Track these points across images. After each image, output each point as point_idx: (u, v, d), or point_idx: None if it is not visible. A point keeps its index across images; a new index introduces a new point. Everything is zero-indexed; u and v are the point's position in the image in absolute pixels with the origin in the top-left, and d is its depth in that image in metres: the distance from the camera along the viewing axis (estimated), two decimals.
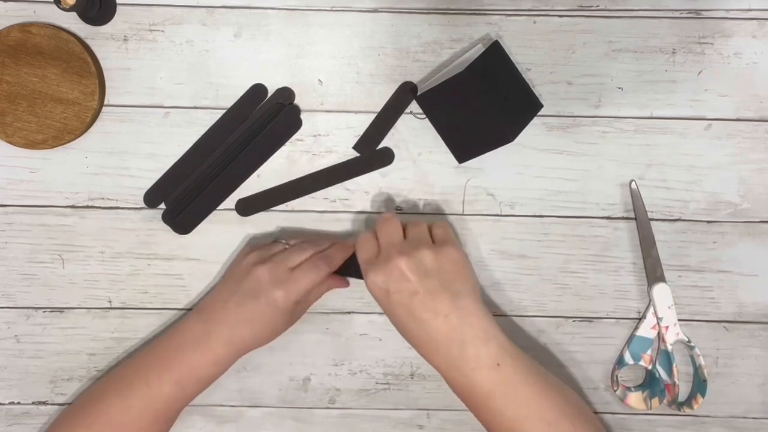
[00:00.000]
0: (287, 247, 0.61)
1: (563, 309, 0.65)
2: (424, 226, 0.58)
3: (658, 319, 0.63)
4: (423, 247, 0.55)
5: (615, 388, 0.65)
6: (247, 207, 0.63)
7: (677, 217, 0.64)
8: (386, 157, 0.63)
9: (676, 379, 0.63)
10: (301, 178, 0.63)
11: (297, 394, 0.66)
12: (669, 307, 0.63)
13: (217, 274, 0.64)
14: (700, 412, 0.65)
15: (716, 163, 0.64)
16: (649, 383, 0.65)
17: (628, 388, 0.65)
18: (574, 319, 0.65)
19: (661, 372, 0.64)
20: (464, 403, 0.56)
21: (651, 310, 0.64)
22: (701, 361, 0.63)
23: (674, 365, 0.63)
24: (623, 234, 0.64)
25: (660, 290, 0.63)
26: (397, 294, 0.54)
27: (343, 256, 0.61)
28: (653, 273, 0.64)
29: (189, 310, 0.65)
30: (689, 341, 0.63)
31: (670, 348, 0.63)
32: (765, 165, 0.64)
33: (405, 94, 0.62)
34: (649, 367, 0.65)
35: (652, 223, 0.64)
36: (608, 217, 0.64)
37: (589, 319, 0.65)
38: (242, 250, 0.63)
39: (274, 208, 0.64)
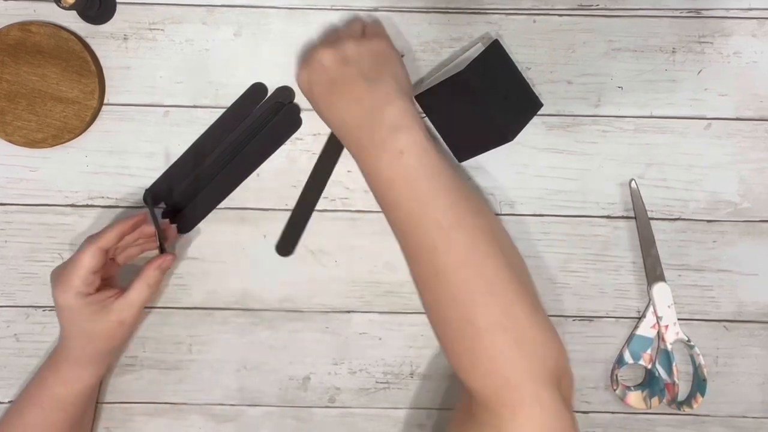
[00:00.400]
0: None
1: (563, 308, 0.65)
2: (359, 23, 0.58)
3: (658, 319, 0.63)
4: (347, 39, 0.55)
5: (615, 388, 0.65)
6: (286, 245, 0.63)
7: (677, 217, 0.64)
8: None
9: (675, 379, 0.63)
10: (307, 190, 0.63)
11: (297, 393, 0.66)
12: (669, 306, 0.63)
13: (217, 274, 0.64)
14: (699, 412, 0.65)
15: (716, 162, 0.64)
16: (649, 382, 0.65)
17: (628, 388, 0.65)
18: (574, 319, 0.65)
19: (661, 371, 0.64)
20: (371, 190, 0.55)
21: (651, 309, 0.64)
22: (701, 360, 0.63)
23: (674, 364, 0.63)
24: (623, 233, 0.64)
25: (660, 289, 0.63)
26: (317, 86, 0.54)
27: (118, 229, 0.57)
28: (653, 272, 0.64)
29: (189, 309, 0.65)
30: (689, 340, 0.63)
31: (669, 347, 0.63)
32: (765, 164, 0.64)
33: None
34: (649, 367, 0.65)
35: (652, 222, 0.64)
36: (608, 217, 0.64)
37: (589, 319, 0.65)
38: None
39: (273, 208, 0.64)
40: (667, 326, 0.63)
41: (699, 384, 0.64)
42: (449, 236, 0.50)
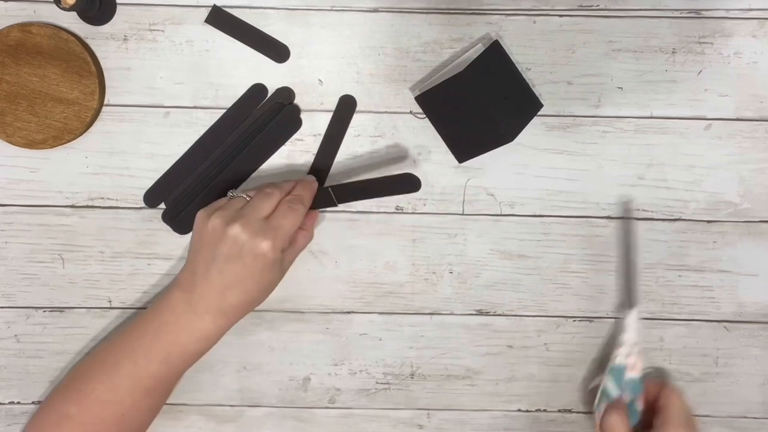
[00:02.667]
0: (248, 199, 0.57)
1: (563, 309, 0.65)
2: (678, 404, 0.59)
3: (632, 346, 0.61)
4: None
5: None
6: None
7: (677, 217, 0.64)
8: (411, 183, 0.59)
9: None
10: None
11: (297, 393, 0.66)
12: (639, 331, 0.62)
13: None
14: (700, 412, 0.66)
15: (716, 163, 0.64)
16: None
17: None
18: (574, 319, 0.65)
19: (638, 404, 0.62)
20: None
21: (626, 336, 0.62)
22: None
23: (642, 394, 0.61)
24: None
25: (634, 316, 0.62)
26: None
27: (311, 192, 0.59)
28: (629, 299, 0.62)
29: None
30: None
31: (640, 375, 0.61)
32: (765, 165, 0.64)
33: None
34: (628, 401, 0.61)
35: (653, 222, 0.64)
36: (608, 217, 0.64)
37: (589, 319, 0.65)
38: (200, 216, 0.58)
39: None
40: (639, 351, 0.61)
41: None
42: None
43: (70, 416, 0.57)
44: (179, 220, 0.63)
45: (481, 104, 0.58)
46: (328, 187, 0.60)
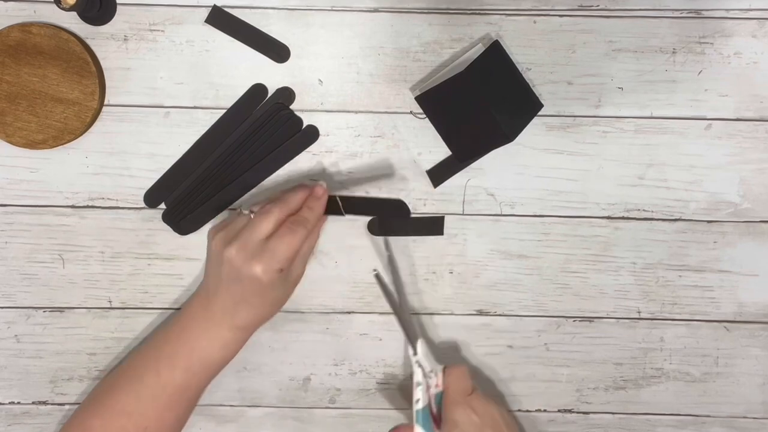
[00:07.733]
0: (251, 216, 0.57)
1: (563, 309, 0.65)
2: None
3: (426, 378, 0.59)
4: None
5: None
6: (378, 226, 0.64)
7: (677, 217, 0.64)
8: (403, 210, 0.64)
9: None
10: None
11: (297, 394, 0.66)
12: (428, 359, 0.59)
13: None
14: (700, 412, 0.66)
15: (716, 163, 0.64)
16: None
17: None
18: (574, 319, 0.65)
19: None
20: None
21: (419, 376, 0.58)
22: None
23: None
24: (623, 234, 0.64)
25: (422, 346, 0.59)
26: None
27: (317, 213, 0.58)
28: (408, 339, 0.60)
29: None
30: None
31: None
32: (765, 165, 0.64)
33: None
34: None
35: (653, 222, 0.64)
36: (608, 217, 0.64)
37: (589, 319, 0.65)
38: (208, 235, 0.59)
39: None
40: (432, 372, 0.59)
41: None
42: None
43: (93, 429, 0.58)
44: (179, 221, 0.63)
45: (481, 104, 0.58)
46: (336, 196, 0.61)
